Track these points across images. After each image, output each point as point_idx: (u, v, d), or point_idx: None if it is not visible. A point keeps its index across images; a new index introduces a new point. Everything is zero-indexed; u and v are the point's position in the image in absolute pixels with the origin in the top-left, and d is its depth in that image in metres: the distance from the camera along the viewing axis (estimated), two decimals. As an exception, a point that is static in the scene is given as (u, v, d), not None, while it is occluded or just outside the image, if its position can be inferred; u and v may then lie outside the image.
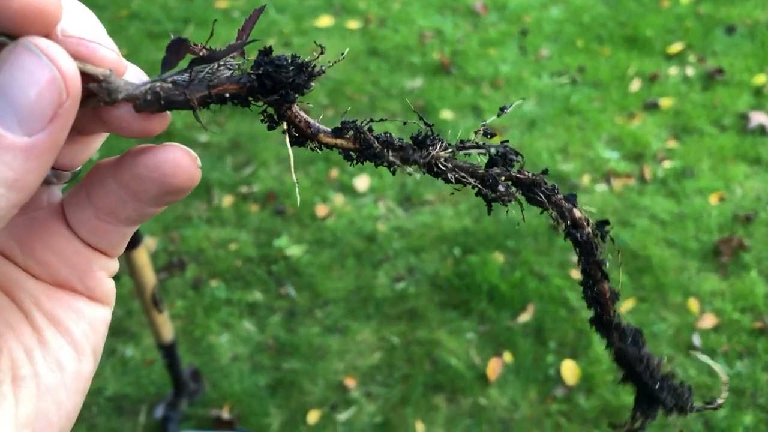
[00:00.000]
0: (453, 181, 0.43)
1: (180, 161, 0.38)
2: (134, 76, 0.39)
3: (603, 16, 3.85)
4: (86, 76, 0.35)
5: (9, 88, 0.31)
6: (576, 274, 2.42)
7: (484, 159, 0.44)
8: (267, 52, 0.40)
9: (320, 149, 0.44)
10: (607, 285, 0.46)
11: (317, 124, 0.43)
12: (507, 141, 0.45)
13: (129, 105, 0.37)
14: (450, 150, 0.43)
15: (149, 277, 1.72)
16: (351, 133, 0.43)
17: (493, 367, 2.18)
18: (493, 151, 0.44)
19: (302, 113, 0.43)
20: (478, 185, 0.44)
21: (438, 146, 0.43)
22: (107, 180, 0.39)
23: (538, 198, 0.45)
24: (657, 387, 0.47)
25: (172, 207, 2.80)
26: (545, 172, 0.45)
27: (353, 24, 3.91)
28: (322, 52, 0.41)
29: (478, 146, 0.44)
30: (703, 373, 2.11)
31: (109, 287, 0.43)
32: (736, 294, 2.33)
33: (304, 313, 2.39)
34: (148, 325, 2.35)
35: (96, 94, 0.36)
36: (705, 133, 2.98)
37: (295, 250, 2.59)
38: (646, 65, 3.42)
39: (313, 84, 0.41)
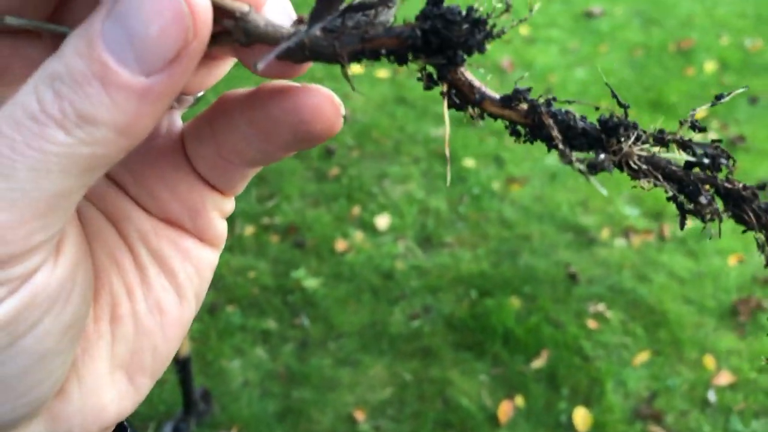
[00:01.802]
0: (641, 179, 0.36)
1: (322, 107, 0.34)
2: (277, 12, 0.33)
3: (628, 80, 3.93)
4: (220, 11, 0.31)
5: (129, 18, 0.27)
6: (592, 324, 2.42)
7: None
8: (437, 1, 0.33)
9: (482, 117, 0.37)
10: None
11: (484, 89, 0.37)
12: (719, 141, 0.37)
13: (268, 47, 0.32)
14: (646, 145, 0.36)
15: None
16: (524, 105, 0.37)
17: (505, 410, 2.16)
18: (700, 151, 0.36)
19: (468, 75, 0.36)
20: (674, 191, 0.36)
21: (632, 138, 0.35)
22: (235, 115, 0.35)
23: (746, 216, 0.36)
24: None
25: (195, 233, 2.84)
26: (763, 187, 0.37)
27: (383, 73, 4.02)
28: (507, 10, 0.34)
29: (682, 143, 0.37)
30: (717, 429, 2.08)
31: (220, 229, 0.39)
32: (754, 353, 2.30)
33: (317, 344, 2.40)
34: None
35: (230, 33, 0.32)
36: (725, 196, 3.00)
37: (312, 282, 2.61)
38: (669, 129, 3.47)
39: (488, 46, 0.35)
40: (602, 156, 0.34)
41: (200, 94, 0.38)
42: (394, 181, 3.15)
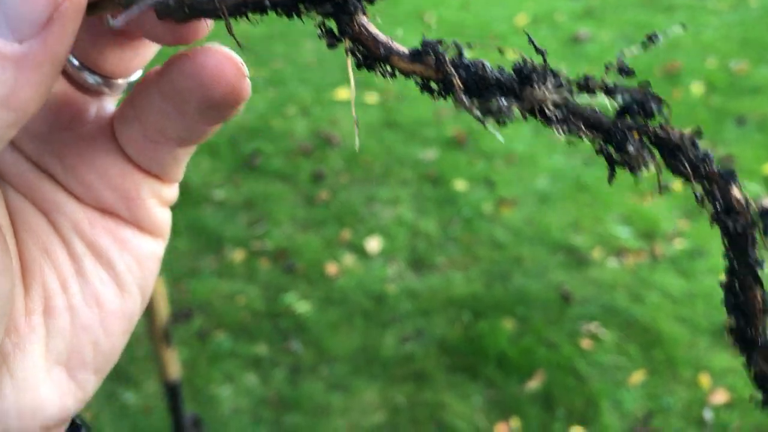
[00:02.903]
0: (563, 133, 0.33)
1: (222, 68, 0.33)
2: None
3: (614, 102, 3.96)
4: None
5: None
6: (586, 344, 2.40)
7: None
8: None
9: (393, 75, 0.34)
10: (760, 293, 0.36)
11: (391, 43, 0.34)
12: (648, 82, 0.33)
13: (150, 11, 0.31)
14: (564, 91, 0.32)
15: (162, 308, 1.72)
16: (433, 58, 0.34)
17: (500, 433, 2.13)
18: (626, 97, 0.32)
19: (372, 28, 0.33)
20: (600, 141, 0.33)
21: (548, 84, 0.32)
22: (151, 91, 0.34)
23: (681, 167, 0.33)
24: None
25: (182, 258, 2.81)
26: (700, 133, 0.33)
27: (371, 98, 4.04)
28: None
29: (606, 88, 0.32)
30: (716, 450, 2.06)
31: (160, 218, 0.38)
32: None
33: (309, 369, 2.36)
34: (149, 372, 2.32)
35: None
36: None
37: (302, 307, 2.58)
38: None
39: None
40: (503, 101, 0.32)
41: (134, 78, 0.37)
42: (383, 205, 3.14)
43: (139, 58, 0.36)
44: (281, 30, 5.07)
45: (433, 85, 0.35)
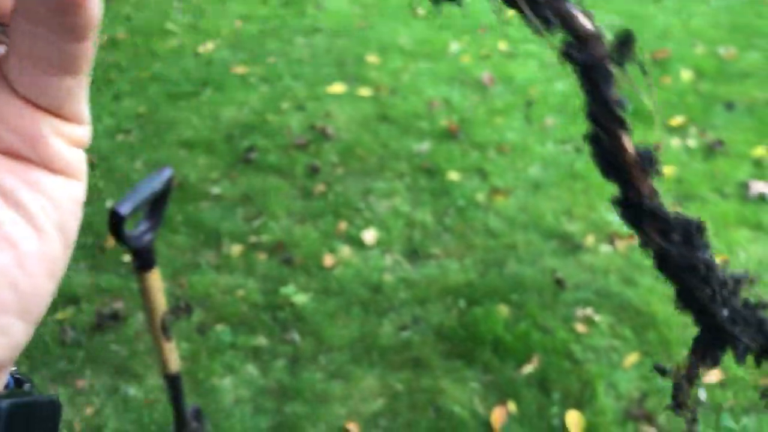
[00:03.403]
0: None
1: None
2: None
3: (606, 90, 3.99)
4: None
5: None
6: (581, 328, 2.44)
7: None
8: None
9: None
10: (630, 141, 0.31)
11: None
12: None
13: None
14: None
15: (161, 301, 1.75)
16: None
17: (497, 416, 2.16)
18: None
19: None
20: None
21: None
22: (15, 14, 0.33)
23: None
24: (724, 314, 0.32)
25: (181, 253, 2.84)
26: None
27: (365, 92, 4.06)
28: None
29: None
30: (708, 427, 2.09)
31: (70, 157, 0.37)
32: (741, 352, 2.32)
33: (308, 359, 2.39)
34: (151, 366, 2.35)
35: None
36: (707, 201, 3.05)
37: (301, 298, 2.61)
38: (648, 136, 3.52)
39: None
40: None
41: None
42: (379, 197, 3.17)
43: None
44: (274, 26, 5.08)
45: None
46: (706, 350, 0.35)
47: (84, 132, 0.37)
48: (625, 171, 0.32)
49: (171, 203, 3.11)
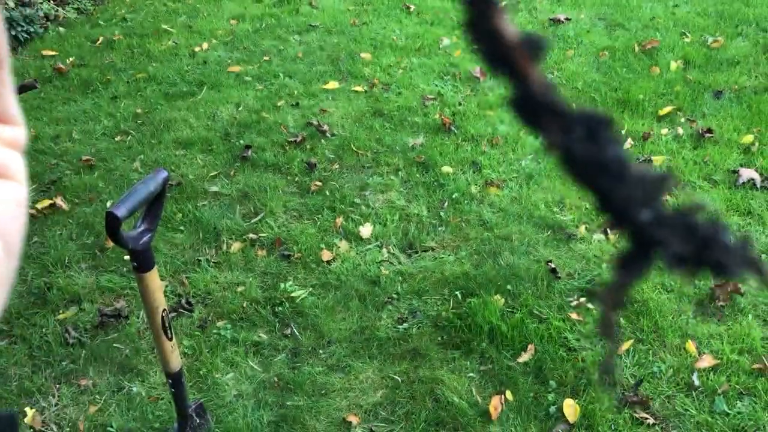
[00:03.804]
0: None
1: None
2: None
3: (596, 81, 4.03)
4: None
5: None
6: (575, 316, 2.48)
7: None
8: None
9: None
10: (507, 23, 0.29)
11: None
12: None
13: None
14: None
15: (160, 300, 1.78)
16: None
17: (495, 405, 2.20)
18: None
19: None
20: None
21: None
22: None
23: None
24: (645, 217, 0.30)
25: (182, 251, 2.88)
26: None
27: (359, 88, 4.09)
28: None
29: None
30: (703, 411, 2.14)
31: (5, 160, 0.37)
32: (734, 336, 2.37)
33: (308, 353, 2.43)
34: (154, 362, 2.39)
35: None
36: (697, 187, 3.09)
37: (300, 293, 2.65)
38: (638, 126, 3.57)
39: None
40: None
41: None
42: (375, 191, 3.20)
43: None
44: (268, 25, 5.11)
45: None
46: (631, 261, 0.32)
47: (18, 133, 0.36)
48: (508, 58, 0.30)
49: (170, 202, 3.15)
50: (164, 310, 1.81)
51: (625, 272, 0.33)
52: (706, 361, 2.30)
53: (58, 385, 2.35)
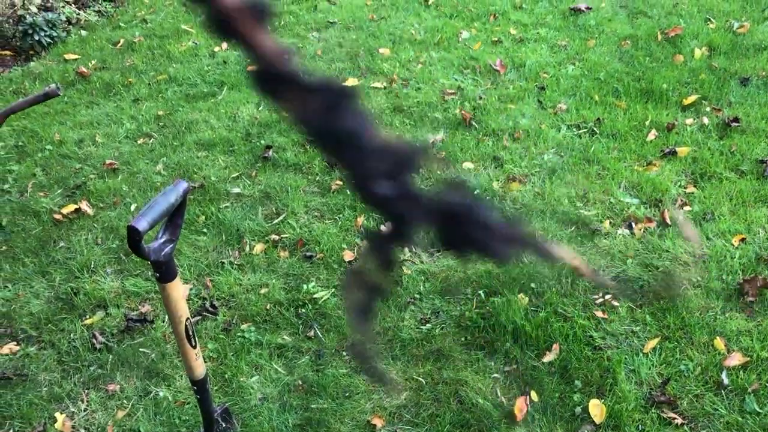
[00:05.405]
0: None
1: None
2: None
3: (618, 71, 3.97)
4: None
5: None
6: (601, 314, 2.45)
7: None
8: None
9: None
10: None
11: None
12: None
13: None
14: None
15: (183, 309, 1.79)
16: None
17: (520, 406, 2.19)
18: None
19: None
20: None
21: None
22: None
23: None
24: (386, 190, 0.29)
25: (206, 254, 2.90)
26: None
27: (378, 84, 4.08)
28: None
29: None
30: (732, 411, 2.11)
31: None
32: (764, 333, 2.33)
33: (332, 354, 2.44)
34: (180, 366, 2.42)
35: None
36: (724, 179, 3.04)
37: (323, 294, 2.65)
38: (662, 116, 3.51)
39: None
40: None
41: None
42: (396, 190, 3.19)
43: None
44: (287, 22, 5.10)
45: None
46: (385, 237, 0.30)
47: None
48: (233, 25, 0.27)
49: (193, 204, 3.17)
50: (188, 318, 1.82)
51: (378, 248, 0.32)
52: (736, 359, 2.26)
53: (86, 391, 2.38)
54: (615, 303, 2.49)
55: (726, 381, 2.20)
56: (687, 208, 2.90)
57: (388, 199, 0.29)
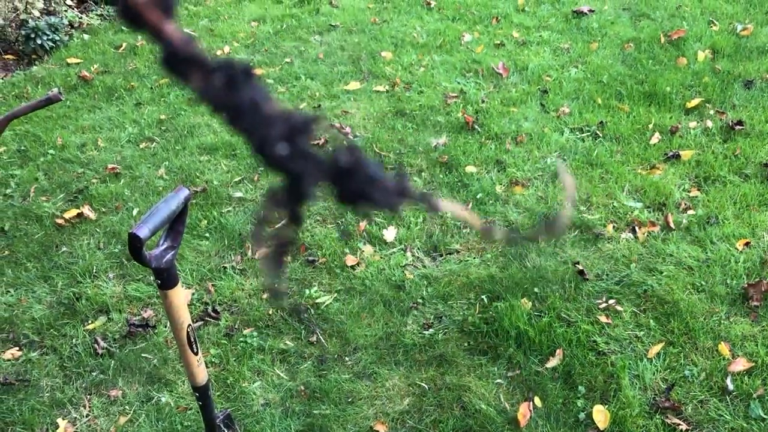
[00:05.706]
0: None
1: None
2: None
3: (621, 74, 3.96)
4: None
5: None
6: (604, 319, 2.44)
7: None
8: None
9: None
10: None
11: None
12: None
13: None
14: None
15: (185, 316, 1.79)
16: None
17: (523, 412, 2.18)
18: None
19: None
20: None
21: None
22: None
23: None
24: (281, 151, 0.34)
25: (208, 258, 2.89)
26: None
27: (380, 87, 4.07)
28: None
29: None
30: (737, 416, 2.09)
31: None
32: None
33: (334, 360, 2.43)
34: (182, 372, 2.41)
35: None
36: (728, 182, 3.02)
37: (325, 299, 2.64)
38: (665, 119, 3.50)
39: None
40: None
41: None
42: (398, 194, 3.18)
43: None
44: (289, 26, 5.10)
45: None
46: (286, 194, 0.37)
47: None
48: (139, 16, 0.33)
49: (196, 209, 3.17)
50: (189, 325, 1.81)
51: (281, 205, 0.37)
52: (740, 364, 2.25)
53: (88, 396, 2.37)
54: (618, 308, 2.48)
55: (731, 386, 2.19)
56: (691, 211, 2.89)
57: (285, 160, 0.36)
